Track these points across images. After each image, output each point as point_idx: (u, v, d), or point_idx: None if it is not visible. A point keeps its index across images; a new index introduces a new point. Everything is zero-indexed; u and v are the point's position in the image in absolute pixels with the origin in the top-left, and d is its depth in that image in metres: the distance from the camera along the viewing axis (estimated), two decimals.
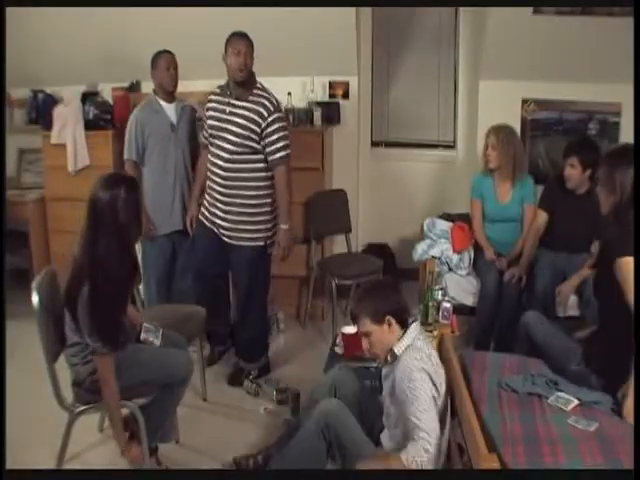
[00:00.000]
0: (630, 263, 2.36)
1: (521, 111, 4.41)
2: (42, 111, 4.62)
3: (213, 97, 3.36)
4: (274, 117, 3.19)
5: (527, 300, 3.58)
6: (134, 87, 4.56)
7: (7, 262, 3.90)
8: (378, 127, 5.00)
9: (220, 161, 3.26)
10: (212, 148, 3.31)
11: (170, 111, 3.66)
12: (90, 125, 4.35)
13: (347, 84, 4.59)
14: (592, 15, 3.84)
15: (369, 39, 4.73)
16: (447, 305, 3.19)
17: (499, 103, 4.35)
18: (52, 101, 4.64)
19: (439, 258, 3.87)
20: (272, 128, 3.19)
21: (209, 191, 3.38)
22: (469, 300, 3.78)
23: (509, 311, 3.56)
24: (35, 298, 2.44)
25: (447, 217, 4.24)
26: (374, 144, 4.99)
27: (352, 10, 4.21)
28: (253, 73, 3.24)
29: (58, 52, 4.48)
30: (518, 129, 4.21)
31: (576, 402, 2.38)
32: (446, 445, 2.41)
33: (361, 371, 2.91)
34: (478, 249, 3.88)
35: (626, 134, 4.22)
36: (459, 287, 3.79)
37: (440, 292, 3.30)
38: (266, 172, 3.28)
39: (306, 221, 4.27)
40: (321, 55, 4.36)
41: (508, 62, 4.21)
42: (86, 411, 2.57)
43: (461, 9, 4.61)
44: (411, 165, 4.87)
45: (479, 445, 2.00)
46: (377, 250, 4.75)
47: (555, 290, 3.41)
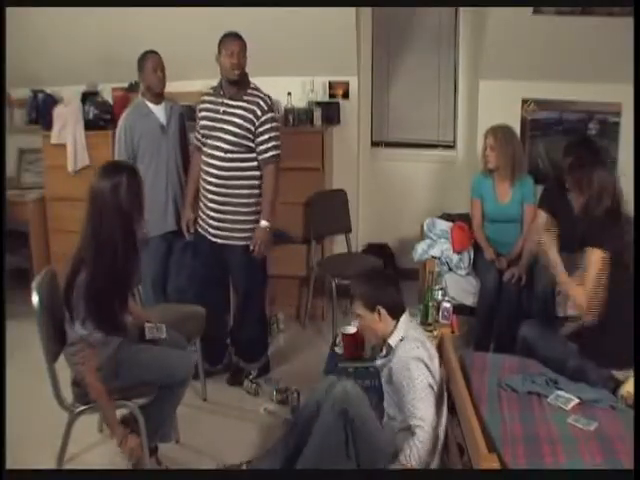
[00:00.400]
0: (597, 254, 2.60)
1: (521, 111, 4.41)
2: (42, 111, 4.63)
3: (206, 98, 3.36)
4: (267, 117, 3.22)
5: (527, 300, 3.58)
6: (134, 87, 4.54)
7: (7, 262, 3.91)
8: (378, 127, 5.00)
9: (216, 160, 3.26)
10: (206, 148, 3.31)
11: (159, 113, 3.63)
12: (90, 125, 4.36)
13: (347, 84, 4.59)
14: (592, 15, 3.84)
15: (369, 39, 4.73)
16: (447, 305, 3.20)
17: (499, 103, 4.35)
18: (52, 101, 4.64)
19: (439, 258, 3.88)
20: (264, 127, 3.22)
21: (203, 192, 3.36)
22: (469, 300, 3.77)
23: (509, 311, 3.56)
24: (35, 298, 2.44)
25: (447, 217, 4.24)
26: (374, 144, 4.98)
27: (352, 10, 4.21)
28: (246, 73, 3.26)
29: (58, 52, 4.48)
30: (518, 129, 4.21)
31: (576, 401, 2.38)
32: (443, 434, 2.45)
33: (361, 371, 2.92)
34: (478, 249, 3.88)
35: (626, 134, 4.22)
36: (459, 287, 3.79)
37: (440, 292, 3.31)
38: (259, 170, 3.29)
39: (306, 221, 4.27)
40: (321, 55, 4.36)
41: (508, 62, 4.21)
42: (86, 411, 2.57)
43: (461, 9, 4.61)
44: (411, 165, 4.86)
45: (479, 445, 2.01)
46: (377, 250, 4.74)
47: (555, 290, 3.41)
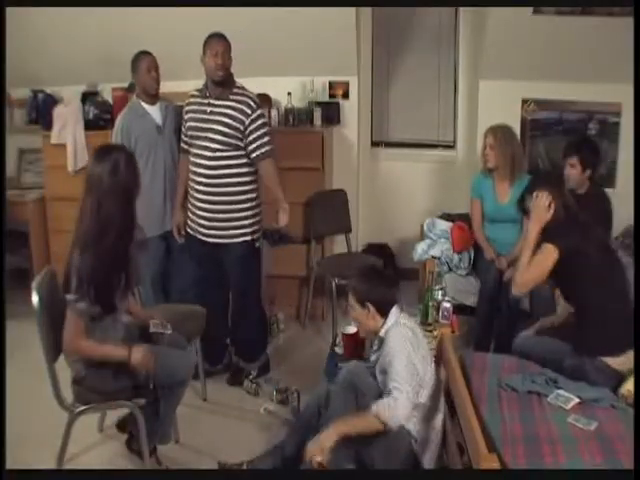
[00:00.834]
0: (548, 249, 2.66)
1: (521, 111, 4.41)
2: (42, 111, 4.63)
3: (192, 100, 3.37)
4: (257, 114, 3.25)
5: (527, 300, 3.58)
6: (134, 87, 4.54)
7: (7, 262, 3.91)
8: (378, 127, 5.01)
9: (204, 160, 3.27)
10: (194, 149, 3.32)
11: (155, 113, 3.63)
12: (90, 125, 4.37)
13: (347, 84, 4.59)
14: (592, 15, 3.85)
15: (369, 39, 4.73)
16: (447, 305, 3.20)
17: (499, 103, 4.35)
18: (52, 101, 4.65)
19: (439, 258, 3.88)
20: (256, 124, 3.24)
21: (192, 193, 3.36)
22: (469, 300, 3.77)
23: (509, 311, 3.56)
24: (35, 298, 2.44)
25: (447, 217, 4.24)
26: (374, 144, 4.98)
27: (352, 10, 4.21)
28: (231, 73, 3.28)
29: (58, 52, 4.48)
30: (518, 129, 4.22)
31: (576, 400, 2.38)
32: (441, 433, 2.48)
33: None
34: (478, 249, 3.88)
35: (626, 134, 4.22)
36: (459, 287, 3.79)
37: (440, 292, 3.31)
38: (248, 167, 3.31)
39: (306, 221, 4.27)
40: (321, 55, 4.36)
41: (508, 62, 4.21)
42: (86, 411, 2.57)
43: (461, 9, 4.61)
44: (411, 165, 4.87)
45: (479, 445, 2.01)
46: (377, 250, 4.75)
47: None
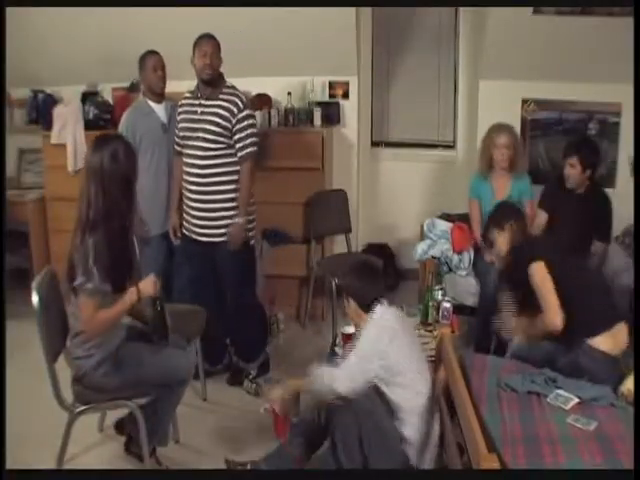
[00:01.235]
0: (537, 268, 2.69)
1: (521, 111, 4.41)
2: (42, 111, 4.63)
3: (184, 101, 3.39)
4: (244, 114, 3.25)
5: None
6: (134, 87, 4.55)
7: (7, 262, 3.91)
8: (378, 127, 5.01)
9: (197, 160, 3.28)
10: (187, 150, 3.33)
11: (160, 112, 3.65)
12: (90, 125, 4.37)
13: (347, 84, 4.59)
14: (592, 15, 3.85)
15: (369, 39, 4.74)
16: (447, 305, 3.21)
17: (499, 103, 4.35)
18: (52, 101, 4.65)
19: (439, 258, 3.87)
20: (242, 125, 3.25)
21: (186, 193, 3.37)
22: (469, 300, 3.77)
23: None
24: (35, 298, 2.44)
25: (447, 217, 4.24)
26: (374, 144, 4.99)
27: (352, 10, 4.21)
28: (221, 73, 3.30)
29: (58, 52, 4.49)
30: (518, 129, 4.22)
31: (576, 400, 2.38)
32: (438, 434, 2.50)
33: None
34: (478, 250, 3.88)
35: (626, 134, 4.22)
36: (459, 287, 3.79)
37: (440, 292, 3.31)
38: (239, 166, 3.32)
39: (306, 221, 4.28)
40: (321, 55, 4.36)
41: (508, 62, 4.21)
42: (86, 411, 2.57)
43: (461, 9, 4.61)
44: (411, 165, 4.87)
45: (479, 445, 2.00)
46: (377, 250, 4.74)
47: None
